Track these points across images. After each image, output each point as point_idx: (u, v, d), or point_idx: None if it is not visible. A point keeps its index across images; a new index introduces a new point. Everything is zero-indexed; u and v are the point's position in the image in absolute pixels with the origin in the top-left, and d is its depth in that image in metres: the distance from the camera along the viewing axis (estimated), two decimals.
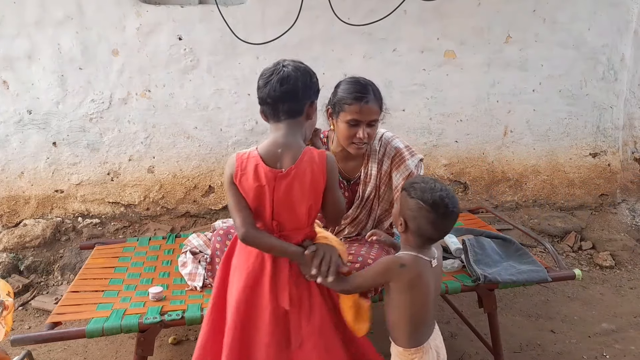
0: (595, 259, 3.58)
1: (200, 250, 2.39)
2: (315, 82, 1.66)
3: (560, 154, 3.90)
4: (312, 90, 1.65)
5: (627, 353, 2.57)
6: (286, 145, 1.60)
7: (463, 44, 3.56)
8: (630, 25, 3.74)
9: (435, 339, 1.67)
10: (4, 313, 2.06)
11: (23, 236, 3.37)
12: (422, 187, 1.55)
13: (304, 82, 1.61)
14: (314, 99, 1.67)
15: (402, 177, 2.10)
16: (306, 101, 1.63)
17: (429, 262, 1.59)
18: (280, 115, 1.62)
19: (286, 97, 1.59)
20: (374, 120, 1.97)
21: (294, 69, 1.61)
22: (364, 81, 2.01)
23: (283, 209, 1.61)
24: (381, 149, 2.13)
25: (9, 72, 3.19)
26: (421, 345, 1.61)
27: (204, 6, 3.27)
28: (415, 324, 1.61)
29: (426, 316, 1.62)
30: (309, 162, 1.58)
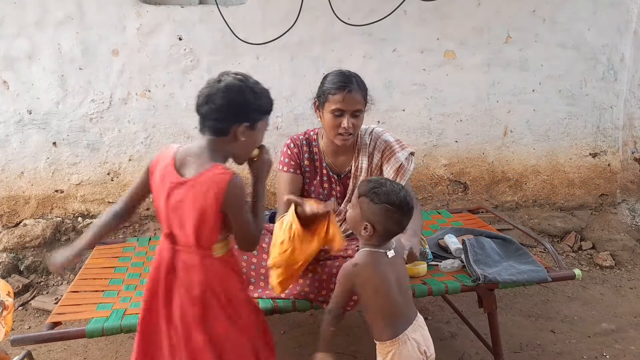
0: (595, 259, 3.58)
1: None
2: (250, 103, 1.53)
3: (560, 154, 3.90)
4: (245, 111, 1.53)
5: (627, 353, 2.57)
6: (198, 156, 1.54)
7: (463, 44, 3.56)
8: (630, 25, 3.74)
9: (415, 331, 1.69)
10: (4, 313, 2.06)
11: (23, 236, 3.37)
12: (385, 192, 1.64)
13: (234, 102, 1.51)
14: (245, 121, 1.53)
15: (393, 170, 2.13)
16: (233, 122, 1.52)
17: (383, 253, 1.67)
18: (205, 129, 1.56)
19: (209, 115, 1.52)
20: (358, 110, 2.01)
21: (225, 86, 1.51)
22: (348, 73, 2.05)
23: (174, 219, 1.54)
24: (371, 143, 2.17)
25: (9, 72, 3.19)
26: (396, 337, 1.65)
27: (204, 6, 3.27)
28: (386, 316, 1.67)
29: (394, 306, 1.67)
30: (206, 181, 1.48)
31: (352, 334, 2.70)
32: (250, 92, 1.54)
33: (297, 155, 2.21)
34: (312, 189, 2.23)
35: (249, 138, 1.57)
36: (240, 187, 1.50)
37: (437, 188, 3.79)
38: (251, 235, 1.60)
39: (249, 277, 2.14)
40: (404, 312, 1.70)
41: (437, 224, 2.87)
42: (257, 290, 2.11)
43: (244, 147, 1.60)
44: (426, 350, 1.69)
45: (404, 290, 1.71)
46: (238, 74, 1.57)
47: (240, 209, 1.53)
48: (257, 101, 1.55)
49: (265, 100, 1.59)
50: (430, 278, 2.21)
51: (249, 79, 1.58)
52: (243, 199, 1.53)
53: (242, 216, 1.54)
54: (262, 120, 1.60)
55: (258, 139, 1.62)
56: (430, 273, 2.26)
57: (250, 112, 1.54)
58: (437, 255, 2.41)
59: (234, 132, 1.54)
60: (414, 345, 1.66)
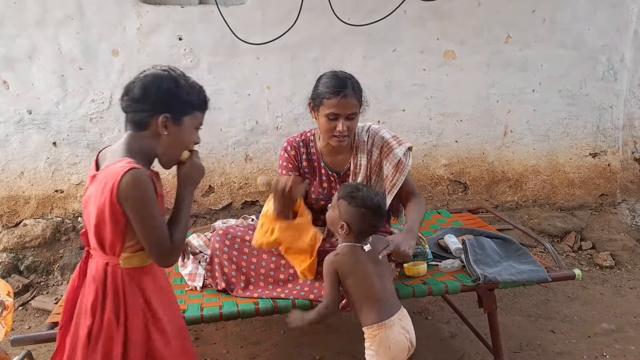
0: (595, 259, 3.58)
1: (201, 251, 2.39)
2: (172, 92, 1.42)
3: (560, 154, 3.90)
4: (165, 101, 1.42)
5: (627, 353, 2.57)
6: (114, 151, 1.44)
7: (463, 44, 3.56)
8: (630, 25, 3.74)
9: (401, 319, 1.78)
10: (4, 313, 2.06)
11: (23, 236, 3.37)
12: (362, 196, 1.79)
13: (151, 91, 1.41)
14: (166, 112, 1.42)
15: (392, 165, 2.14)
16: (152, 113, 1.41)
17: (360, 247, 1.80)
18: (127, 124, 1.46)
19: (128, 107, 1.44)
20: (353, 113, 2.02)
21: (145, 76, 1.43)
22: (342, 75, 2.04)
23: (84, 217, 1.45)
24: (369, 140, 2.18)
25: (9, 72, 3.19)
26: (382, 322, 1.73)
27: (204, 6, 3.27)
28: (369, 300, 1.76)
29: (375, 292, 1.76)
30: (106, 174, 1.36)
31: (352, 334, 2.70)
32: (172, 81, 1.43)
33: (295, 157, 2.21)
34: (312, 189, 2.24)
35: (174, 134, 1.44)
36: (139, 181, 1.33)
37: (437, 188, 3.79)
38: (161, 247, 1.40)
39: (248, 277, 2.14)
40: (387, 298, 1.78)
41: (437, 224, 2.87)
42: (257, 290, 2.11)
43: (168, 145, 1.46)
44: (412, 340, 1.77)
45: (385, 280, 1.81)
46: (166, 66, 1.47)
47: (139, 209, 1.35)
48: (180, 91, 1.43)
49: (194, 94, 1.47)
50: (430, 278, 2.21)
51: (176, 70, 1.47)
52: (144, 197, 1.35)
53: (144, 217, 1.36)
54: (190, 115, 1.47)
55: (185, 137, 1.49)
56: (430, 273, 2.26)
57: (172, 102, 1.42)
58: (437, 255, 2.41)
59: (154, 124, 1.42)
60: (401, 332, 1.74)
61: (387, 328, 1.72)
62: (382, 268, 1.83)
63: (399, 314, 1.78)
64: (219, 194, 3.55)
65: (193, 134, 1.51)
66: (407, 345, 1.76)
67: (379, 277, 1.79)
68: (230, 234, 2.19)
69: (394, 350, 1.73)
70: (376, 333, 1.73)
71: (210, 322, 2.03)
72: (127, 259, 1.43)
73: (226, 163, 3.51)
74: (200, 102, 1.50)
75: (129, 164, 1.34)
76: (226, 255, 2.15)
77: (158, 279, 1.53)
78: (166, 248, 1.42)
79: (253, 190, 3.56)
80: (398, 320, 1.76)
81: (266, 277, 2.13)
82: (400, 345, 1.73)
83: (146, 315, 1.45)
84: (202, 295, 2.14)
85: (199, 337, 2.71)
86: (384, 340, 1.72)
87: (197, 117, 1.50)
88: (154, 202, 1.38)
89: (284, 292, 2.07)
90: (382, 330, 1.73)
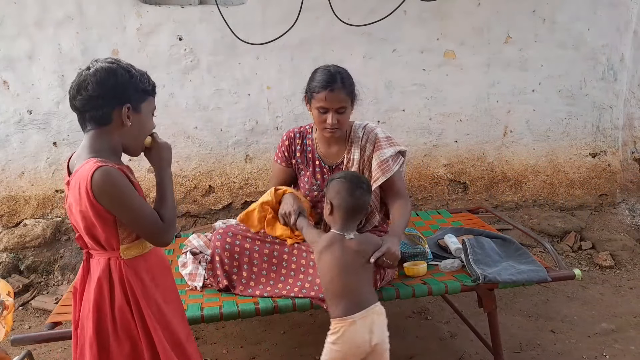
0: (595, 259, 3.58)
1: (201, 251, 2.39)
2: (127, 82, 1.43)
3: (560, 154, 3.90)
4: (123, 91, 1.43)
5: (627, 353, 2.57)
6: (79, 155, 1.46)
7: (463, 44, 3.56)
8: (630, 25, 3.74)
9: (367, 318, 1.73)
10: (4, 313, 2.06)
11: (23, 236, 3.37)
12: (340, 173, 1.94)
13: (108, 84, 1.41)
14: (127, 102, 1.44)
15: (377, 163, 2.17)
16: (113, 106, 1.43)
17: (343, 236, 1.83)
18: (87, 124, 1.46)
19: (86, 105, 1.43)
20: (342, 107, 2.08)
21: (95, 71, 1.42)
22: (334, 70, 2.11)
23: (73, 223, 1.48)
24: (364, 136, 2.22)
25: (10, 72, 3.19)
26: (344, 317, 1.72)
27: (204, 6, 3.27)
28: (332, 296, 1.78)
29: (339, 288, 1.76)
30: (77, 178, 1.39)
31: None
32: (124, 72, 1.44)
33: (288, 148, 2.32)
34: (305, 180, 2.29)
35: (136, 123, 1.48)
36: (108, 177, 1.35)
37: (437, 188, 3.79)
38: (153, 228, 1.46)
39: (249, 273, 2.15)
40: (352, 295, 1.75)
41: (437, 224, 2.87)
42: (258, 287, 2.12)
43: (133, 133, 1.49)
44: (377, 342, 1.73)
45: (353, 277, 1.77)
46: (109, 58, 1.47)
47: (118, 202, 1.39)
48: (133, 80, 1.45)
49: (144, 80, 1.49)
50: (430, 278, 2.21)
51: (121, 61, 1.48)
52: (118, 190, 1.38)
53: (127, 207, 1.40)
54: (146, 101, 1.50)
55: (146, 123, 1.52)
56: (430, 273, 2.26)
57: (129, 92, 1.44)
58: (437, 255, 2.41)
59: (117, 117, 1.44)
60: (362, 331, 1.71)
61: (348, 324, 1.72)
62: (355, 264, 1.80)
63: (364, 313, 1.73)
64: (219, 194, 3.55)
65: (151, 120, 1.55)
66: (366, 346, 1.72)
67: (346, 273, 1.77)
68: (232, 232, 2.21)
69: (350, 348, 1.72)
70: (337, 328, 1.74)
71: (210, 322, 2.03)
72: (127, 250, 1.47)
73: (226, 163, 3.51)
74: (152, 87, 1.53)
75: (96, 164, 1.36)
76: (227, 253, 2.16)
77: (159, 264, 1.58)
78: (159, 228, 1.47)
79: (253, 190, 3.56)
80: (362, 318, 1.72)
81: (268, 272, 2.15)
82: (356, 343, 1.71)
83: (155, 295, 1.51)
84: (202, 295, 2.15)
85: (199, 337, 2.71)
86: (342, 336, 1.72)
87: (151, 102, 1.53)
88: (131, 189, 1.41)
89: (285, 289, 2.08)
90: (342, 326, 1.73)
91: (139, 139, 1.53)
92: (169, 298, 1.58)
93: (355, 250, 1.81)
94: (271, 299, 2.06)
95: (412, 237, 2.40)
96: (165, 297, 1.56)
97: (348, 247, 1.81)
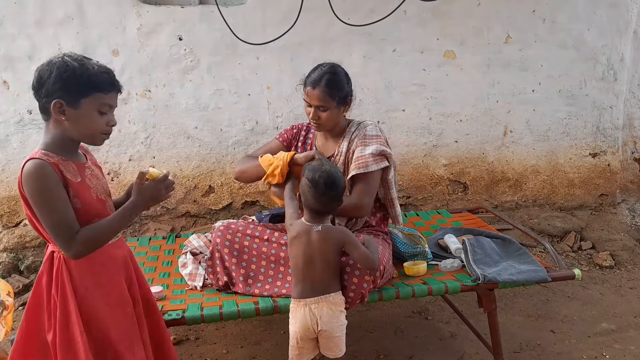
0: (595, 259, 3.58)
1: (201, 251, 2.39)
2: (60, 76, 1.40)
3: (560, 154, 3.90)
4: (54, 86, 1.40)
5: (627, 353, 2.57)
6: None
7: (463, 44, 3.56)
8: (629, 25, 3.74)
9: (317, 304, 1.86)
10: (4, 313, 2.07)
11: (23, 236, 3.37)
12: (312, 168, 1.91)
13: (42, 79, 1.41)
14: (59, 98, 1.41)
15: (356, 157, 2.19)
16: (47, 99, 1.41)
17: (311, 226, 1.90)
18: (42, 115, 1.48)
19: (34, 97, 1.45)
20: (321, 106, 2.15)
21: (42, 63, 1.43)
22: (325, 70, 2.18)
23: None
24: (356, 131, 2.28)
25: (10, 72, 3.19)
26: (297, 299, 1.89)
27: (204, 6, 3.27)
28: (295, 277, 1.92)
29: (301, 273, 1.89)
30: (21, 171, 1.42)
31: (352, 334, 2.70)
32: (61, 66, 1.41)
33: (295, 135, 2.43)
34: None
35: (73, 118, 1.44)
36: (34, 171, 1.37)
37: (437, 188, 3.79)
38: (60, 234, 1.41)
39: (249, 270, 2.15)
40: (310, 282, 1.88)
41: (437, 224, 2.87)
42: (257, 285, 2.13)
43: (74, 129, 1.46)
44: (321, 327, 1.86)
45: (314, 266, 1.88)
46: (70, 53, 1.46)
47: (34, 198, 1.39)
48: (70, 75, 1.41)
49: (91, 76, 1.43)
50: (430, 278, 2.22)
51: (75, 56, 1.45)
52: (38, 186, 1.38)
53: (40, 206, 1.39)
54: (89, 97, 1.44)
55: (89, 118, 1.47)
56: (430, 273, 2.27)
57: (64, 87, 1.40)
58: (437, 255, 2.41)
59: (52, 110, 1.42)
60: (309, 316, 1.86)
61: (299, 306, 1.88)
62: (319, 256, 1.88)
63: (316, 299, 1.86)
64: (219, 194, 3.55)
65: (97, 117, 1.48)
66: (313, 329, 1.87)
67: (309, 263, 1.88)
68: (232, 229, 2.23)
69: (300, 327, 1.88)
70: (293, 306, 1.91)
71: (210, 322, 2.04)
72: None
73: (226, 163, 3.51)
74: (100, 83, 1.45)
75: (34, 154, 1.40)
76: (227, 250, 2.17)
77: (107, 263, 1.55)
78: (66, 239, 1.42)
79: (253, 190, 3.56)
80: (312, 303, 1.86)
81: (267, 269, 2.16)
82: (304, 324, 1.87)
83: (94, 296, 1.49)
84: (202, 295, 2.15)
85: (199, 337, 2.71)
86: (295, 315, 1.90)
87: (98, 97, 1.46)
88: (51, 190, 1.39)
89: (285, 287, 2.09)
90: (296, 306, 1.89)
91: (85, 133, 1.49)
92: (113, 301, 1.54)
93: (321, 243, 1.88)
94: (271, 298, 2.06)
95: (412, 237, 2.40)
96: (109, 299, 1.53)
97: (314, 240, 1.88)
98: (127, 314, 1.57)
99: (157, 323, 1.73)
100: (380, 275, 2.03)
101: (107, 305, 1.51)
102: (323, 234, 1.88)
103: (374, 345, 2.61)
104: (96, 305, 1.49)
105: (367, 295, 1.98)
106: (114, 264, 1.58)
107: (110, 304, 1.53)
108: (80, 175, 1.49)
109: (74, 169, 1.48)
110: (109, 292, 1.54)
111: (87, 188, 1.51)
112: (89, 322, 1.47)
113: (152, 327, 1.69)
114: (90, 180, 1.53)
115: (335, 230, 1.92)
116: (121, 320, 1.55)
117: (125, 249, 1.68)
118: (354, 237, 1.92)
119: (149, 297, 1.73)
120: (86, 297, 1.48)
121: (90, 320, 1.48)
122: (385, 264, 2.08)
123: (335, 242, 1.89)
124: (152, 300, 1.75)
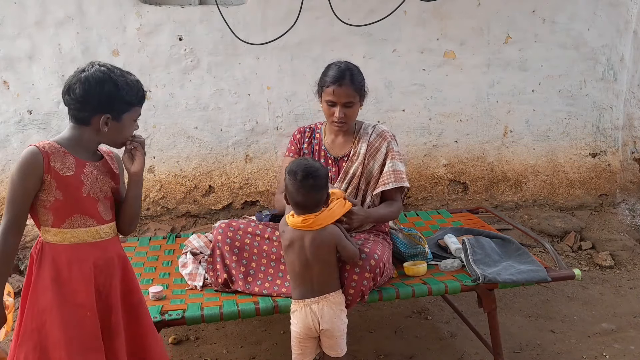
0: (595, 259, 3.58)
1: (201, 251, 2.39)
2: (113, 95, 1.52)
3: (560, 154, 3.90)
4: (106, 102, 1.53)
5: (626, 353, 2.57)
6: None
7: (463, 44, 3.56)
8: (629, 25, 3.74)
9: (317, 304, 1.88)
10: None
11: (23, 236, 3.35)
12: (295, 162, 1.94)
13: (91, 94, 1.51)
14: (107, 112, 1.54)
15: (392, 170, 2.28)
16: (92, 113, 1.53)
17: (302, 232, 1.89)
18: (70, 117, 1.58)
19: (70, 105, 1.54)
20: (349, 102, 2.20)
21: (85, 78, 1.50)
22: (344, 66, 2.23)
23: None
24: (373, 134, 2.34)
25: (10, 73, 3.19)
26: (297, 300, 1.91)
27: (204, 7, 3.27)
28: (294, 281, 1.93)
29: (299, 277, 1.90)
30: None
31: (352, 334, 2.70)
32: (111, 84, 1.52)
33: (299, 140, 2.44)
34: None
35: (114, 129, 1.59)
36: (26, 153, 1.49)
37: (437, 188, 3.79)
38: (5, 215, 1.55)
39: (249, 268, 2.16)
40: (309, 284, 1.90)
41: (437, 224, 2.87)
42: (257, 283, 2.13)
43: (109, 137, 1.62)
44: (322, 326, 1.88)
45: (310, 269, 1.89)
46: (104, 65, 1.55)
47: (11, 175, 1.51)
48: (120, 93, 1.54)
49: (132, 93, 1.58)
50: (430, 278, 2.22)
51: (115, 70, 1.56)
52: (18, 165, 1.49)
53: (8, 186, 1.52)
54: (129, 111, 1.61)
55: (125, 129, 1.63)
56: (430, 273, 2.27)
57: (113, 103, 1.55)
58: (437, 255, 2.41)
59: (95, 122, 1.55)
60: (311, 314, 1.88)
61: (300, 308, 1.90)
62: (314, 258, 1.88)
63: (317, 299, 1.88)
64: (219, 194, 3.55)
65: (131, 126, 1.66)
66: (315, 328, 1.89)
67: (306, 267, 1.89)
68: (233, 227, 2.24)
69: (302, 327, 1.90)
70: (294, 307, 1.93)
71: (210, 322, 2.04)
72: (45, 233, 1.58)
73: (226, 163, 3.51)
74: (139, 99, 1.63)
75: (40, 142, 1.50)
76: (227, 247, 2.18)
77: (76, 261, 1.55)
78: (3, 223, 1.54)
79: (253, 190, 3.57)
80: (313, 303, 1.88)
81: (267, 267, 2.16)
82: (306, 324, 1.89)
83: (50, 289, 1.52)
84: (202, 295, 2.15)
85: (199, 337, 2.71)
86: (296, 315, 1.92)
87: (135, 111, 1.64)
88: (20, 178, 1.49)
89: (285, 286, 2.09)
90: (297, 307, 1.91)
91: (115, 140, 1.64)
92: (70, 301, 1.52)
93: (314, 248, 1.88)
94: (271, 298, 2.07)
95: (412, 237, 2.41)
96: (66, 297, 1.52)
97: (307, 245, 1.88)
98: (86, 318, 1.54)
99: (141, 337, 1.67)
100: (380, 273, 2.03)
101: (60, 302, 1.52)
102: (315, 238, 1.88)
103: (374, 345, 2.61)
104: (48, 299, 1.53)
105: (367, 293, 1.99)
106: (83, 265, 1.56)
107: (63, 302, 1.52)
108: (74, 170, 1.53)
109: (71, 163, 1.53)
110: (70, 290, 1.53)
111: (79, 183, 1.54)
112: (33, 315, 1.53)
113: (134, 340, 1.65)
114: (86, 177, 1.56)
115: (326, 232, 1.91)
116: (70, 321, 1.52)
117: (111, 254, 1.64)
118: (344, 236, 1.94)
119: (136, 308, 1.68)
120: (44, 288, 1.53)
121: (44, 311, 1.52)
122: (385, 261, 2.09)
123: (327, 244, 1.90)
124: (140, 312, 1.69)
